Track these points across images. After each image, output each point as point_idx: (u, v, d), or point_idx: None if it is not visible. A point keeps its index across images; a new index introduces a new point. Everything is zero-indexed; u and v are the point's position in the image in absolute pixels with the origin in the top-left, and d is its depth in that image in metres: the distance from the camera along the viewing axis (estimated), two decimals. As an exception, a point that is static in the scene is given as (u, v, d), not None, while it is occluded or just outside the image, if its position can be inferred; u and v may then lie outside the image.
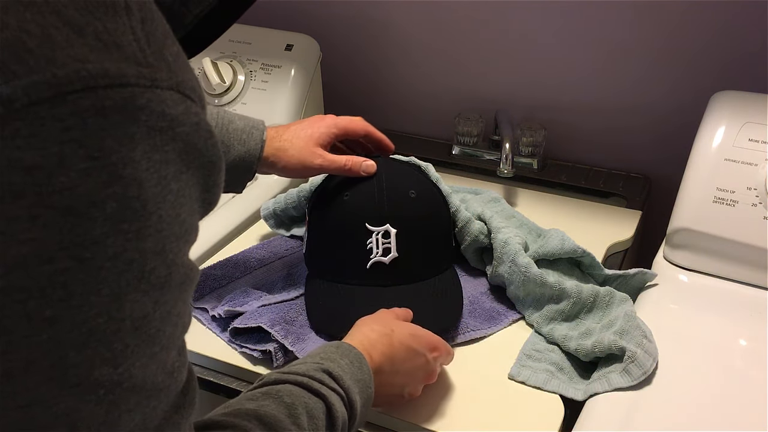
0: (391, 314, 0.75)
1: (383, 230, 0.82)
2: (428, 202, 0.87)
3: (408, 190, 0.85)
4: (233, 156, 0.82)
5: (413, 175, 0.89)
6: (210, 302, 0.87)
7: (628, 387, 0.74)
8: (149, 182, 0.36)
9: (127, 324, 0.36)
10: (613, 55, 1.14)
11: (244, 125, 0.84)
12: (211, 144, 0.40)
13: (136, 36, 0.36)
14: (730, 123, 0.91)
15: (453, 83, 1.27)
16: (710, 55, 1.08)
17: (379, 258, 0.82)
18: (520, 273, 0.84)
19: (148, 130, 0.35)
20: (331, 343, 0.67)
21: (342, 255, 0.85)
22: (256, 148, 0.83)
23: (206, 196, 0.42)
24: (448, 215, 0.90)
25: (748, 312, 0.85)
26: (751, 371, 0.77)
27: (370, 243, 0.82)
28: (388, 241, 0.82)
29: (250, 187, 1.16)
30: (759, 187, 0.86)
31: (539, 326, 0.84)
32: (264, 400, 0.57)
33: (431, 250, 0.86)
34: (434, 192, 0.90)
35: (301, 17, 1.32)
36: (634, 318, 0.79)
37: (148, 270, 0.37)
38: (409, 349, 0.70)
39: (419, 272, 0.85)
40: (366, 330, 0.70)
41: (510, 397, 0.75)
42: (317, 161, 0.84)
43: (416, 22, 1.25)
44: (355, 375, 0.64)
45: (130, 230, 0.35)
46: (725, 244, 0.88)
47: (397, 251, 0.82)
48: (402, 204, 0.84)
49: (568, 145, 1.22)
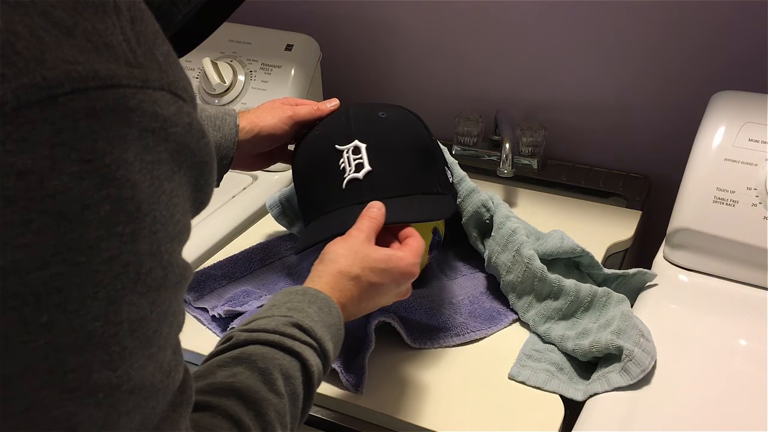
0: (361, 237, 0.71)
1: (352, 146, 0.80)
2: (401, 121, 0.85)
3: (377, 112, 0.84)
4: None
5: (386, 105, 0.87)
6: (210, 302, 0.87)
7: (628, 387, 0.74)
8: (143, 183, 0.35)
9: (125, 327, 0.36)
10: (613, 54, 1.14)
11: (216, 112, 0.85)
12: (204, 144, 0.40)
13: (126, 36, 0.36)
14: (730, 123, 0.91)
15: (453, 83, 1.27)
16: (710, 55, 1.08)
17: (353, 174, 0.79)
18: (523, 263, 0.84)
19: (140, 131, 0.35)
20: (296, 290, 0.65)
21: (319, 185, 0.83)
22: (232, 132, 0.84)
23: (198, 195, 0.42)
24: (428, 135, 0.86)
25: (748, 312, 0.85)
26: (751, 371, 0.77)
27: (342, 162, 0.80)
28: (359, 156, 0.79)
29: (250, 187, 1.16)
30: (759, 187, 0.86)
31: (535, 325, 0.84)
32: (237, 366, 0.56)
33: (411, 166, 0.82)
34: (410, 116, 0.87)
35: (301, 17, 1.32)
36: (631, 318, 0.79)
37: (144, 272, 0.36)
38: (380, 287, 0.69)
39: (399, 187, 0.80)
40: (332, 270, 0.68)
41: (510, 397, 0.75)
42: (288, 110, 0.86)
43: (416, 22, 1.25)
44: (326, 321, 0.63)
45: (125, 232, 0.35)
46: (725, 244, 0.88)
47: (370, 165, 0.79)
48: (371, 122, 0.83)
49: (568, 145, 1.22)
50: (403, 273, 0.70)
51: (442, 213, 0.82)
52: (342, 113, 0.85)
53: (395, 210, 0.75)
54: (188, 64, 1.23)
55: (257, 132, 0.85)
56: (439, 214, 0.81)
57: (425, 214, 0.80)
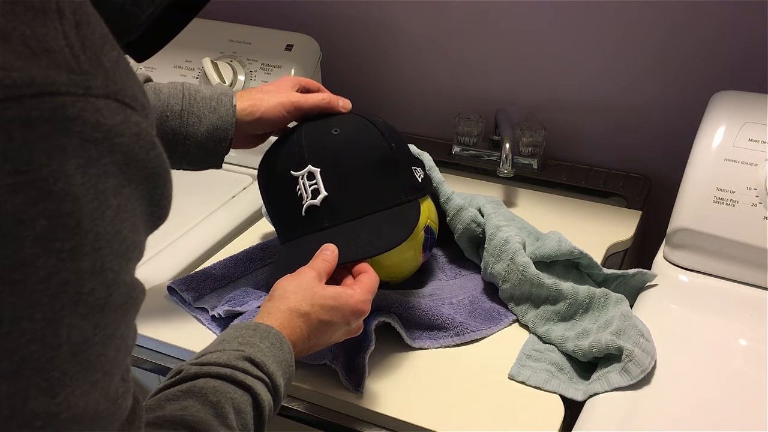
0: (311, 275, 0.70)
1: (306, 172, 0.79)
2: (354, 135, 0.82)
3: (330, 128, 0.82)
4: (206, 126, 0.80)
5: (341, 116, 0.84)
6: (210, 302, 0.87)
7: (628, 387, 0.74)
8: (85, 198, 0.33)
9: (65, 350, 0.34)
10: (613, 54, 1.14)
11: (212, 93, 0.82)
12: (154, 155, 0.38)
13: (68, 41, 0.34)
14: (730, 123, 0.91)
15: (453, 83, 1.26)
16: (710, 55, 1.08)
17: (310, 201, 0.78)
18: (518, 272, 0.84)
19: (81, 141, 0.33)
20: (246, 325, 0.64)
21: (281, 210, 0.83)
22: (229, 113, 0.81)
23: (154, 209, 0.40)
24: (386, 145, 0.82)
25: (748, 312, 0.85)
26: (751, 371, 0.77)
27: (299, 189, 0.79)
28: (314, 182, 0.78)
29: (250, 187, 1.16)
30: (759, 187, 0.86)
31: (534, 326, 0.84)
32: (187, 399, 0.54)
33: (368, 183, 0.80)
34: (365, 125, 0.83)
35: (301, 17, 1.32)
36: (631, 318, 0.79)
37: (86, 291, 0.34)
38: (329, 324, 0.68)
39: (357, 208, 0.79)
40: (282, 307, 0.67)
41: (510, 397, 0.75)
42: (295, 97, 0.83)
43: (416, 21, 1.25)
44: (277, 356, 0.62)
45: (64, 249, 0.33)
46: (725, 244, 0.88)
47: (326, 190, 0.78)
48: (322, 142, 0.81)
49: (568, 145, 1.22)
50: (353, 311, 0.69)
51: (398, 238, 0.78)
52: (295, 133, 0.83)
53: (349, 245, 0.75)
54: (188, 63, 1.23)
55: (259, 116, 0.82)
56: (395, 240, 0.78)
57: (378, 246, 0.77)
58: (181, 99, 0.80)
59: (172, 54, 1.25)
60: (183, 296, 0.88)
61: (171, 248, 1.00)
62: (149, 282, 0.93)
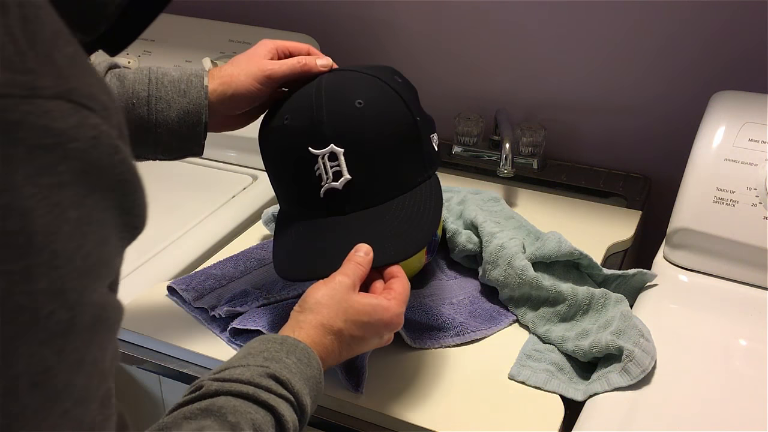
0: (346, 283, 0.66)
1: (328, 152, 0.72)
2: (380, 109, 0.74)
3: (354, 100, 0.73)
4: (176, 111, 0.74)
5: (362, 81, 0.76)
6: (210, 302, 0.87)
7: (628, 387, 0.74)
8: (37, 211, 0.30)
9: (24, 381, 0.31)
10: (613, 55, 1.14)
11: (180, 75, 0.76)
12: (118, 160, 0.34)
13: (12, 37, 0.30)
14: (730, 123, 0.91)
15: (453, 83, 1.26)
16: (710, 55, 1.08)
17: (331, 184, 0.72)
18: (516, 276, 0.84)
19: (29, 148, 0.30)
20: (273, 338, 0.61)
21: (294, 188, 0.76)
22: (200, 95, 0.75)
23: (127, 219, 0.37)
24: (411, 119, 0.76)
25: (748, 312, 0.85)
26: (751, 371, 0.77)
27: (318, 169, 0.72)
28: (336, 163, 0.72)
29: (250, 187, 1.16)
30: (759, 187, 0.86)
31: (534, 327, 0.84)
32: (205, 419, 0.51)
33: (393, 165, 0.74)
34: (390, 95, 0.75)
35: (301, 17, 1.32)
36: (631, 318, 0.79)
37: (44, 315, 0.31)
38: (362, 339, 0.66)
39: (383, 192, 0.74)
40: (314, 322, 0.63)
41: (510, 397, 0.75)
42: (267, 66, 0.75)
43: (416, 21, 1.25)
44: (305, 373, 0.58)
45: (15, 270, 0.30)
46: (725, 244, 0.88)
47: (349, 173, 0.72)
48: (347, 116, 0.73)
49: (568, 145, 1.22)
50: (387, 324, 0.66)
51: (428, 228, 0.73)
52: (313, 96, 0.74)
53: (379, 241, 0.70)
54: (188, 64, 1.23)
55: (231, 93, 0.75)
56: (425, 231, 0.73)
57: (412, 243, 0.72)
58: (147, 84, 0.74)
59: (172, 54, 1.25)
60: (183, 296, 0.88)
61: (171, 248, 1.00)
62: (149, 282, 0.93)
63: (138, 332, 0.85)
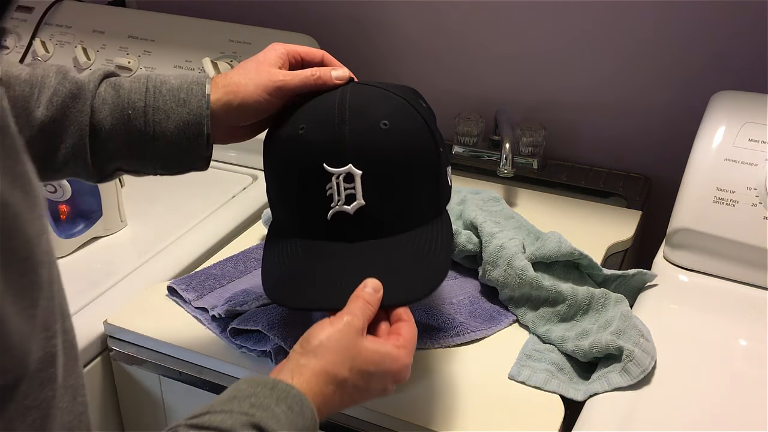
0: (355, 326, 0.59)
1: (345, 172, 0.66)
2: (406, 134, 0.69)
3: (379, 120, 0.67)
4: (175, 122, 0.69)
5: (389, 101, 0.70)
6: (210, 302, 0.87)
7: (628, 387, 0.74)
8: None
9: None
10: (612, 55, 1.14)
11: (180, 83, 0.70)
12: None
13: None
14: (730, 123, 0.91)
15: (453, 83, 1.26)
16: (710, 55, 1.08)
17: (342, 207, 0.66)
18: (516, 276, 0.84)
19: None
20: (264, 382, 0.55)
21: (298, 204, 0.70)
22: (200, 105, 0.69)
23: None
24: (435, 149, 0.71)
25: (748, 312, 0.85)
26: (751, 371, 0.77)
27: (330, 189, 0.66)
28: (351, 185, 0.66)
29: (250, 186, 1.16)
30: (759, 187, 0.86)
31: (534, 327, 0.84)
32: None
33: (411, 196, 0.69)
34: (417, 120, 0.70)
35: (301, 17, 1.32)
36: (631, 318, 0.79)
37: None
38: (365, 390, 0.60)
39: (394, 224, 0.68)
40: (316, 368, 0.57)
41: (510, 397, 0.75)
42: (278, 77, 0.69)
43: (416, 21, 1.25)
44: (295, 424, 0.52)
45: None
46: (725, 244, 0.88)
47: (363, 198, 0.66)
48: (370, 137, 0.67)
49: (568, 145, 1.22)
50: (394, 376, 0.61)
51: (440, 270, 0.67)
52: (335, 110, 0.68)
53: (388, 278, 0.64)
54: (188, 64, 1.23)
55: (237, 104, 0.70)
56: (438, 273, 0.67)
57: (425, 286, 0.66)
58: (144, 94, 0.69)
59: (172, 54, 1.25)
60: (183, 296, 0.88)
61: (171, 248, 1.00)
62: (149, 282, 0.93)
63: (138, 332, 0.85)
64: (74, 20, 1.34)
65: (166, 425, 0.90)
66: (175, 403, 0.87)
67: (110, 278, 0.94)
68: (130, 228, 1.05)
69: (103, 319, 0.86)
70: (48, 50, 1.31)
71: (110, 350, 0.87)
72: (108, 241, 1.02)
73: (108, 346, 0.87)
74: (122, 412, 0.92)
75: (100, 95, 0.70)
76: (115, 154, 0.70)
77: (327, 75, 0.71)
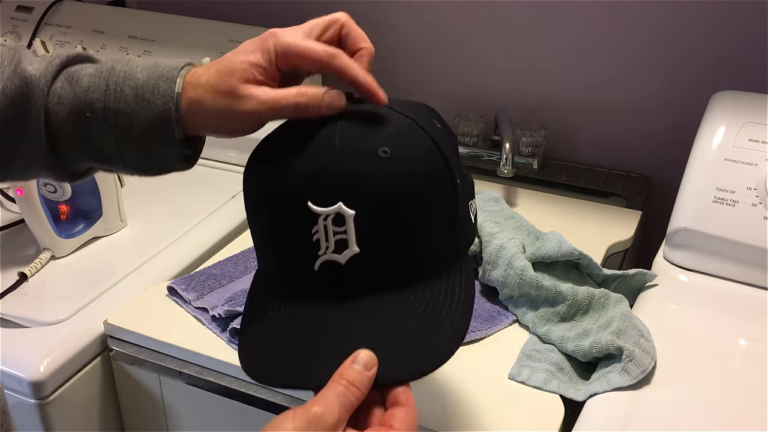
0: (327, 421, 0.47)
1: (333, 212, 0.53)
2: (411, 163, 0.55)
3: (377, 147, 0.54)
4: (139, 127, 0.57)
5: (393, 122, 0.56)
6: (210, 302, 0.87)
7: (628, 387, 0.73)
8: None
9: None
10: (613, 55, 1.14)
11: (146, 78, 0.57)
12: None
13: None
14: (730, 123, 0.91)
15: (453, 83, 1.26)
16: (710, 55, 1.08)
17: (330, 256, 0.54)
18: (516, 276, 0.84)
19: None
20: None
21: (278, 252, 0.57)
22: (168, 106, 0.56)
23: None
24: (449, 180, 0.57)
25: (748, 312, 0.85)
26: (751, 371, 0.77)
27: (317, 232, 0.53)
28: (342, 229, 0.53)
29: (250, 187, 1.16)
30: (759, 187, 0.86)
31: (534, 327, 0.84)
32: None
33: (418, 241, 0.56)
34: (425, 145, 0.56)
35: (301, 17, 1.31)
36: (631, 318, 0.79)
37: None
38: None
39: (398, 276, 0.55)
40: None
41: (510, 397, 0.75)
42: (247, 106, 0.55)
43: (416, 21, 1.25)
44: None
45: None
46: (725, 244, 0.88)
47: (358, 244, 0.53)
48: (366, 169, 0.54)
49: (568, 145, 1.22)
50: None
51: (454, 341, 0.54)
52: (324, 132, 0.55)
53: (385, 348, 0.52)
54: (188, 64, 1.23)
55: (201, 123, 0.58)
56: (448, 349, 0.54)
57: (433, 359, 0.54)
58: (103, 92, 0.57)
59: (172, 54, 1.24)
60: (183, 296, 0.88)
61: (171, 248, 1.00)
62: (149, 282, 0.93)
63: (138, 332, 0.85)
64: (74, 20, 1.34)
65: (166, 425, 0.90)
66: (175, 403, 0.87)
67: (110, 278, 0.94)
68: (130, 228, 1.05)
69: (103, 319, 0.86)
70: (48, 50, 1.31)
71: (110, 350, 0.87)
72: (108, 241, 1.02)
73: (108, 346, 0.87)
74: (122, 412, 0.92)
75: (55, 93, 0.58)
76: (81, 157, 0.60)
77: (316, 102, 0.56)
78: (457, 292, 0.57)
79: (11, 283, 0.90)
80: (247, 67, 0.56)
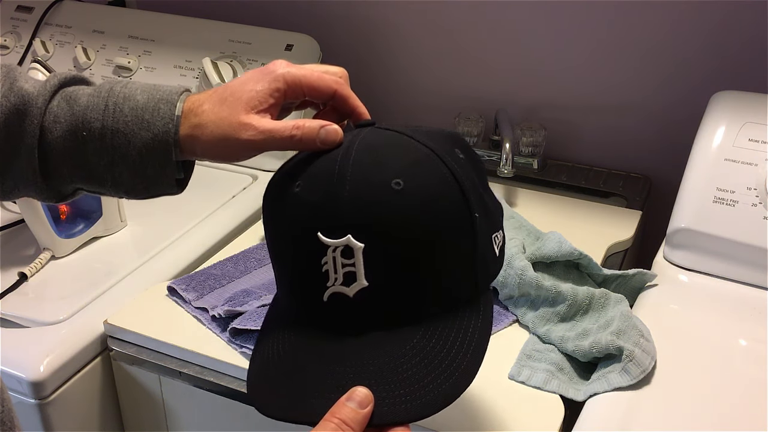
0: None
1: (342, 245, 0.52)
2: (425, 197, 0.53)
3: (390, 178, 0.53)
4: (137, 147, 0.58)
5: (410, 151, 0.55)
6: (210, 302, 0.87)
7: (628, 387, 0.74)
8: None
9: None
10: (613, 54, 1.14)
11: (147, 100, 0.59)
12: None
13: None
14: (730, 123, 0.91)
15: (453, 83, 1.27)
16: (710, 55, 1.08)
17: (339, 288, 0.53)
18: (516, 276, 0.84)
19: None
20: None
21: (289, 278, 0.58)
22: (167, 129, 0.58)
23: None
24: (466, 213, 0.55)
25: (748, 312, 0.85)
26: (751, 371, 0.77)
27: (326, 263, 0.53)
28: (351, 261, 0.52)
29: (250, 186, 1.16)
30: (759, 187, 0.86)
31: (534, 327, 0.84)
32: None
33: (431, 276, 0.55)
34: (441, 176, 0.55)
35: (301, 17, 1.32)
36: (631, 318, 0.79)
37: None
38: None
39: (408, 312, 0.54)
40: None
41: (510, 397, 0.75)
42: (245, 134, 0.56)
43: (416, 22, 1.25)
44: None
45: None
46: (725, 244, 0.88)
47: (366, 278, 0.52)
48: (376, 201, 0.53)
49: (568, 145, 1.22)
50: None
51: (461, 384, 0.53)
52: (337, 161, 0.54)
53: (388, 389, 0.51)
54: (188, 63, 1.23)
55: (201, 148, 0.59)
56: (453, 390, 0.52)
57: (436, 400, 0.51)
58: (102, 112, 0.58)
59: (172, 54, 1.25)
60: (183, 296, 0.88)
61: (171, 248, 1.00)
62: (149, 282, 0.93)
63: (138, 332, 0.85)
64: (74, 20, 1.34)
65: (166, 425, 0.90)
66: (175, 403, 0.87)
67: (110, 278, 0.94)
68: (130, 228, 1.05)
69: (103, 319, 0.86)
70: (48, 50, 1.31)
71: (110, 350, 0.87)
72: (108, 241, 1.02)
73: (108, 346, 0.87)
74: (122, 412, 0.92)
75: (51, 111, 0.59)
76: (70, 178, 0.61)
77: (311, 136, 0.56)
78: (470, 332, 0.56)
79: (11, 283, 0.90)
80: (254, 95, 0.57)
